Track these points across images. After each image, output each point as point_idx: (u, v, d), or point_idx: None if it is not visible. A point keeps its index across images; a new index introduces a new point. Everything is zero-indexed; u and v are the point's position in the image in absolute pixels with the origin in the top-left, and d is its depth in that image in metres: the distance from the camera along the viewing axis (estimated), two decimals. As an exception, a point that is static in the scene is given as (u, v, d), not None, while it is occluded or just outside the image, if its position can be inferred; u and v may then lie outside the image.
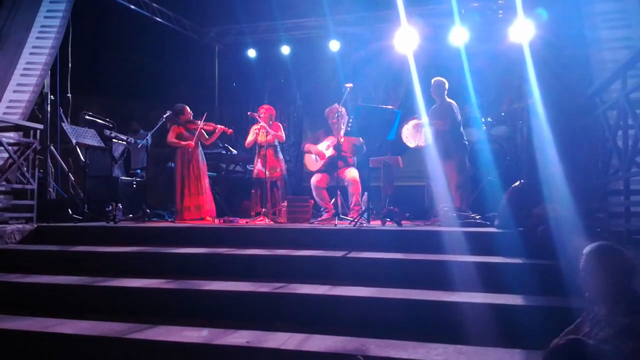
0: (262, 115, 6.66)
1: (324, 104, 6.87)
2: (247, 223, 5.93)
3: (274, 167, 6.71)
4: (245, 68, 10.13)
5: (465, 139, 6.08)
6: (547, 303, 3.02)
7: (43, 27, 6.55)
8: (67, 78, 7.17)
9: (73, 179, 7.11)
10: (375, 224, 5.32)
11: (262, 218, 6.16)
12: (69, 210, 5.90)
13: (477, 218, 5.30)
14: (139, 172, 8.11)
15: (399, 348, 2.68)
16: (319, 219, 6.15)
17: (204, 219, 6.30)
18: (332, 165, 6.40)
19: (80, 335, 3.07)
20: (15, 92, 6.15)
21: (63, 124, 6.44)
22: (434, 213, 5.99)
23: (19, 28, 6.46)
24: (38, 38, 6.48)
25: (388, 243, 4.25)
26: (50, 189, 6.50)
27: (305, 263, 4.00)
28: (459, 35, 7.82)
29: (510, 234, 4.04)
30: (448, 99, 6.05)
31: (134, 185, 7.49)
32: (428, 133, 6.09)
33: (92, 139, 6.20)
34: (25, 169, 5.53)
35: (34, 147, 5.65)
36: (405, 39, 7.58)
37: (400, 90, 9.19)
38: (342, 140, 6.23)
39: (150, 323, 3.22)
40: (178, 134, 6.49)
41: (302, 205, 6.18)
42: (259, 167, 6.67)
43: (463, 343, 2.72)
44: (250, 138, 6.79)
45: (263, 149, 6.57)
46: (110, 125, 7.93)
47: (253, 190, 6.96)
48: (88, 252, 4.53)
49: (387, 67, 8.83)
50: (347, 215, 5.80)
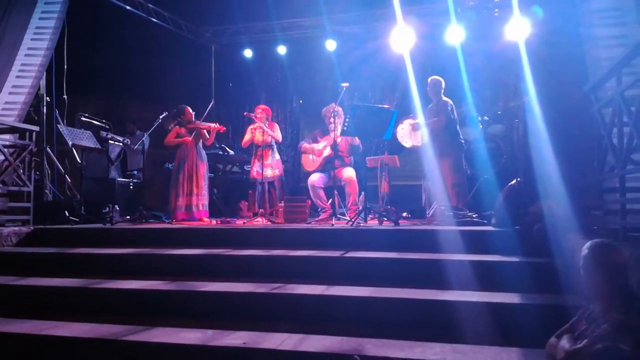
0: (258, 115, 6.65)
1: (321, 104, 6.87)
2: (244, 224, 5.92)
3: (271, 167, 6.71)
4: (242, 68, 10.11)
5: (462, 138, 6.09)
6: (543, 301, 3.03)
7: (38, 28, 6.54)
8: (62, 79, 7.15)
9: (69, 181, 7.10)
10: (373, 224, 5.32)
11: (259, 218, 6.16)
12: (66, 212, 5.88)
13: (473, 217, 5.31)
14: (136, 173, 8.09)
15: (396, 347, 2.68)
16: (316, 219, 6.14)
17: (201, 220, 6.29)
18: (329, 165, 6.39)
19: (77, 338, 3.06)
20: (11, 94, 6.14)
21: (59, 126, 6.43)
22: (431, 212, 6.00)
23: (14, 29, 6.44)
24: (33, 39, 6.46)
25: (385, 242, 4.25)
26: (47, 191, 6.50)
27: (303, 263, 4.00)
28: (455, 34, 7.83)
29: (507, 233, 4.04)
30: (444, 98, 6.06)
31: (131, 187, 7.48)
32: (424, 133, 6.09)
33: (88, 141, 6.19)
34: (22, 171, 5.51)
35: (30, 149, 5.63)
36: (402, 38, 7.59)
37: (397, 90, 9.20)
38: (338, 140, 6.23)
39: (147, 325, 3.22)
40: (177, 135, 6.47)
41: (299, 206, 6.17)
42: (256, 167, 6.67)
43: (460, 342, 2.72)
44: (247, 138, 6.78)
45: (260, 149, 6.58)
46: (107, 127, 7.92)
47: (250, 191, 6.96)
48: (85, 254, 4.52)
49: (383, 66, 8.84)
50: (344, 215, 5.80)
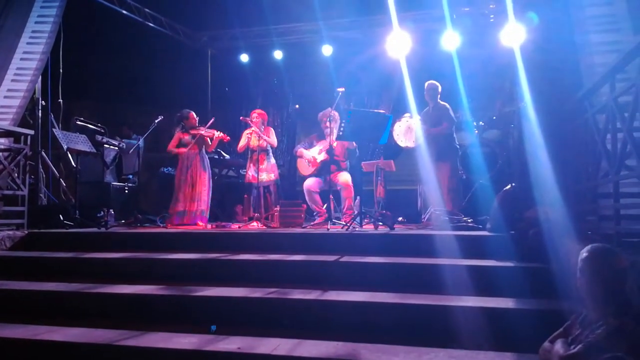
0: (254, 120, 6.66)
1: (317, 108, 6.88)
2: (239, 228, 5.92)
3: (267, 171, 6.71)
4: (238, 73, 10.13)
5: (457, 143, 6.11)
6: (538, 306, 3.03)
7: (34, 32, 6.53)
8: (58, 83, 7.15)
9: (64, 185, 7.08)
10: (368, 228, 5.32)
11: (254, 223, 6.16)
12: (60, 216, 5.87)
13: (469, 221, 5.32)
14: (131, 177, 8.07)
15: (391, 353, 2.67)
16: (312, 224, 6.14)
17: (196, 224, 6.28)
18: (324, 170, 6.40)
19: (71, 343, 3.04)
20: (6, 97, 6.12)
21: (54, 130, 6.41)
22: (427, 217, 6.00)
23: (10, 33, 6.43)
24: (29, 43, 6.46)
25: (380, 247, 4.24)
26: (42, 195, 6.47)
27: (298, 268, 3.98)
28: (451, 40, 7.88)
29: (502, 237, 4.05)
30: (442, 102, 6.08)
31: (126, 191, 7.46)
32: (419, 133, 6.11)
33: (83, 145, 6.18)
34: (16, 175, 5.49)
35: (25, 153, 5.61)
36: (398, 44, 7.64)
37: (393, 95, 9.23)
38: (334, 145, 6.24)
39: (142, 329, 3.20)
40: (180, 141, 6.47)
41: (294, 210, 6.18)
42: (252, 171, 6.67)
43: (455, 347, 2.72)
44: (243, 143, 6.79)
45: (255, 154, 6.58)
46: (102, 131, 7.90)
47: (246, 195, 6.95)
48: (79, 258, 4.49)
49: (379, 71, 8.87)
50: (339, 220, 5.80)
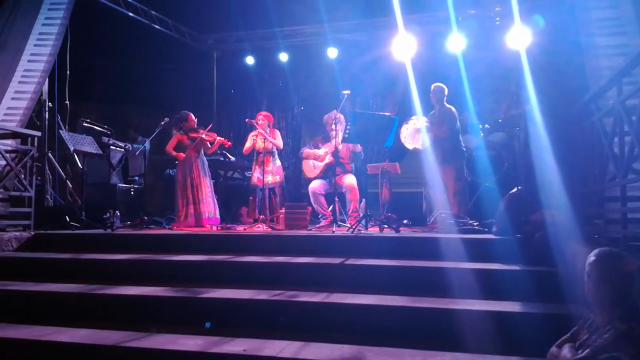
0: (260, 122, 6.67)
1: (322, 111, 6.88)
2: (245, 230, 5.92)
3: (272, 173, 6.71)
4: (244, 75, 10.14)
5: (463, 146, 6.09)
6: (544, 310, 3.01)
7: (41, 34, 6.57)
8: (65, 85, 7.17)
9: (71, 186, 7.11)
10: (373, 231, 5.32)
11: (260, 225, 6.16)
12: (67, 218, 5.88)
13: (474, 224, 5.30)
14: (137, 179, 8.10)
15: (396, 356, 2.67)
16: (317, 226, 6.14)
17: (204, 227, 6.29)
18: (330, 172, 6.40)
19: (77, 344, 3.05)
20: (13, 99, 6.16)
21: (61, 131, 6.44)
22: (432, 219, 5.99)
23: (17, 35, 6.48)
24: (36, 45, 6.49)
25: (386, 250, 4.23)
26: (48, 196, 6.50)
27: (303, 270, 3.98)
28: (457, 43, 7.86)
29: (508, 241, 4.03)
30: (447, 105, 6.07)
31: (132, 193, 7.48)
32: (425, 138, 6.10)
33: (89, 146, 6.20)
34: (23, 176, 5.51)
35: (32, 154, 5.64)
36: (403, 46, 7.62)
37: (398, 97, 9.23)
38: (340, 147, 6.24)
39: (147, 331, 3.21)
40: (178, 142, 6.45)
41: (300, 212, 6.17)
42: (257, 173, 6.68)
43: (461, 350, 2.71)
44: (248, 145, 6.80)
45: (261, 156, 6.59)
46: (108, 133, 7.94)
47: (251, 197, 6.96)
48: (85, 259, 4.51)
49: (385, 74, 8.86)
50: (345, 222, 5.79)
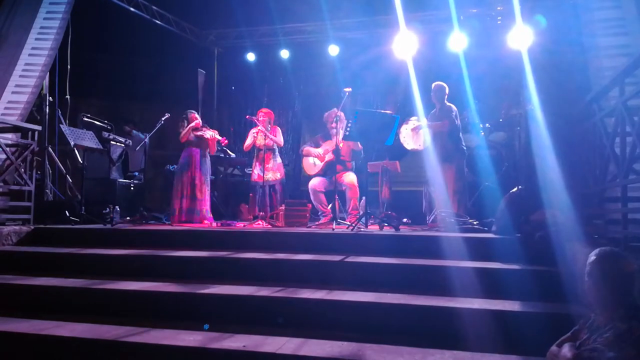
0: (260, 119, 6.66)
1: (323, 108, 6.87)
2: (244, 227, 5.92)
3: (272, 170, 6.71)
4: (244, 71, 10.13)
5: (464, 145, 6.09)
6: (545, 309, 3.02)
7: (42, 28, 6.56)
8: (65, 80, 7.17)
9: (71, 181, 7.10)
10: (373, 229, 5.32)
11: (259, 222, 6.16)
12: (66, 212, 5.88)
13: (474, 223, 5.31)
14: (137, 174, 8.10)
15: (396, 353, 2.67)
16: (317, 223, 6.14)
17: (202, 222, 6.29)
18: (330, 170, 6.39)
19: (77, 338, 3.05)
20: (14, 93, 6.14)
21: (61, 126, 6.44)
22: (432, 218, 5.99)
23: (18, 29, 6.46)
24: (37, 39, 6.48)
25: (385, 248, 4.23)
26: (48, 191, 6.50)
27: (303, 267, 3.98)
28: (458, 41, 7.85)
29: (509, 240, 4.03)
30: (448, 103, 6.06)
31: (132, 188, 7.48)
32: (427, 136, 6.09)
33: (90, 141, 6.20)
34: (23, 171, 5.51)
35: (32, 148, 5.63)
36: (404, 45, 7.61)
37: (399, 95, 9.21)
38: (340, 145, 6.24)
39: (147, 326, 3.21)
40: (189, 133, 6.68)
41: (299, 209, 6.18)
42: (258, 170, 6.68)
43: (460, 349, 2.71)
44: (249, 141, 6.79)
45: (261, 153, 6.59)
46: (109, 128, 7.92)
47: (251, 194, 6.96)
48: (85, 254, 4.51)
49: (386, 72, 8.85)
50: (344, 220, 5.79)
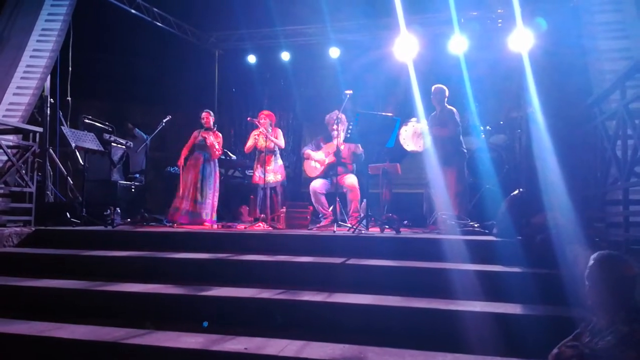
0: (261, 121, 6.67)
1: (324, 111, 6.87)
2: (245, 229, 5.92)
3: (274, 172, 6.71)
4: (245, 73, 10.14)
5: (464, 147, 6.09)
6: (546, 312, 3.02)
7: (44, 30, 6.56)
8: (67, 81, 7.18)
9: (72, 183, 7.11)
10: (374, 231, 5.31)
11: (260, 223, 6.16)
12: (67, 214, 5.88)
13: (475, 226, 5.31)
14: (138, 176, 8.10)
15: (398, 356, 2.67)
16: (318, 226, 6.14)
17: (202, 224, 6.29)
18: (331, 172, 6.40)
19: (77, 340, 3.04)
20: (15, 94, 6.14)
21: (62, 127, 6.44)
22: (432, 220, 5.99)
23: (20, 31, 6.47)
24: (39, 41, 6.48)
25: (386, 250, 4.23)
26: (49, 192, 6.49)
27: (304, 269, 3.98)
28: (459, 44, 7.87)
29: (509, 243, 4.03)
30: (448, 106, 6.06)
31: (133, 190, 7.48)
32: (427, 138, 6.10)
33: (91, 143, 6.20)
34: (24, 172, 5.51)
35: (33, 150, 5.63)
36: (405, 47, 7.63)
37: (399, 98, 9.20)
38: (341, 147, 6.24)
39: (148, 328, 3.20)
40: (194, 140, 6.79)
41: (300, 212, 6.17)
42: (259, 172, 6.67)
43: (462, 352, 2.71)
44: (250, 143, 6.80)
45: (262, 155, 6.59)
46: (110, 129, 7.94)
47: (252, 196, 6.96)
48: (86, 256, 4.51)
49: (387, 74, 8.84)
50: (345, 222, 5.79)
